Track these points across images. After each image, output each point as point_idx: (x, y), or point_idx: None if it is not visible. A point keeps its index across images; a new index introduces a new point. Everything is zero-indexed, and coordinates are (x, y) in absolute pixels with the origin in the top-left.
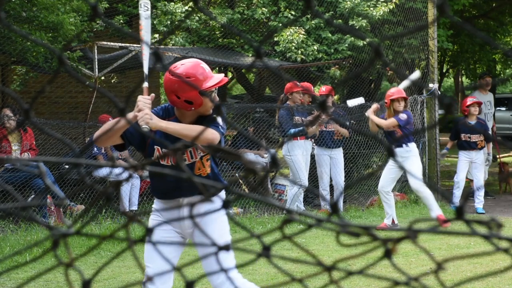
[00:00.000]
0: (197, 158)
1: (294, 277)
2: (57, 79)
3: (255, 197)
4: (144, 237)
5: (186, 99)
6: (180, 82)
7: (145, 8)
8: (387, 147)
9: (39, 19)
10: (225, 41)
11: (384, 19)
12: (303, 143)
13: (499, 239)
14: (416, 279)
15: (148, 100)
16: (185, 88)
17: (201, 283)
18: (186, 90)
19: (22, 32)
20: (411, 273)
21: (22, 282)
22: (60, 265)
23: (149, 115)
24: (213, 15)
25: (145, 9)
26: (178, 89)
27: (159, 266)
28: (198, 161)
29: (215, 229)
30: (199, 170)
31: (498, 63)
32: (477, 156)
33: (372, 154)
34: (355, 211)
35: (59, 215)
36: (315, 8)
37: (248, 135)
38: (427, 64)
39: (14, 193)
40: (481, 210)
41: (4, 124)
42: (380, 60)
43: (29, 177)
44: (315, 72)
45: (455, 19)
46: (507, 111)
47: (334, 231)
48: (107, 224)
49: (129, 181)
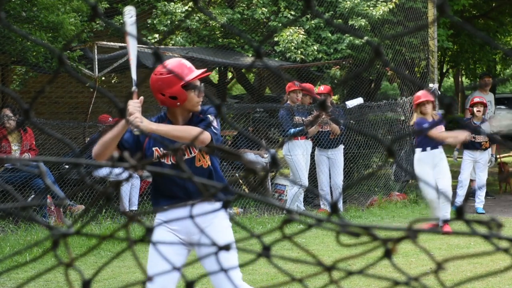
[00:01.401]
0: (195, 152)
1: (294, 277)
2: (57, 79)
3: (255, 197)
4: (144, 237)
5: (170, 95)
6: (162, 79)
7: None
8: (387, 147)
9: (39, 19)
10: (225, 41)
11: (384, 18)
12: (303, 143)
13: (499, 239)
14: (416, 279)
15: (137, 104)
16: (167, 84)
17: (201, 283)
18: (169, 86)
19: (22, 32)
20: (411, 273)
21: (22, 282)
22: (60, 265)
23: (139, 118)
24: (213, 15)
25: (130, 16)
26: (161, 87)
27: (162, 280)
28: (198, 153)
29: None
30: (199, 162)
31: (498, 63)
32: (481, 157)
33: (372, 154)
34: (355, 211)
35: (59, 215)
36: (315, 8)
37: (248, 135)
38: (427, 64)
39: (14, 193)
40: (481, 210)
41: (4, 124)
42: (380, 60)
43: (29, 177)
44: (315, 72)
45: (455, 19)
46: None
47: (334, 231)
48: (107, 224)
49: (129, 181)
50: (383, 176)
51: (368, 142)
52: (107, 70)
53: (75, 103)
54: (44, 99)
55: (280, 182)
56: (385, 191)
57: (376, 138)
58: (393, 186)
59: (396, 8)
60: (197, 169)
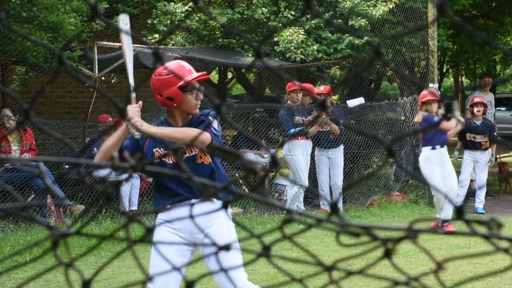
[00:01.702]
0: (196, 150)
1: (294, 277)
2: (57, 79)
3: (255, 197)
4: (144, 237)
5: (167, 96)
6: (161, 80)
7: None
8: (387, 147)
9: (39, 19)
10: (225, 41)
11: (384, 18)
12: (303, 143)
13: (499, 239)
14: (416, 279)
15: (136, 108)
16: (165, 85)
17: (201, 283)
18: (166, 87)
19: (22, 32)
20: (411, 273)
21: (22, 282)
22: (60, 265)
23: (140, 122)
24: (213, 15)
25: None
26: (160, 87)
27: (163, 280)
28: (199, 151)
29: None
30: (200, 159)
31: (498, 63)
32: (481, 157)
33: (372, 154)
34: (355, 211)
35: (59, 215)
36: (315, 8)
37: (248, 135)
38: (427, 64)
39: (14, 193)
40: (481, 210)
41: (4, 124)
42: (380, 60)
43: (29, 177)
44: (315, 72)
45: (455, 19)
46: (507, 111)
47: (334, 231)
48: (107, 224)
49: (129, 181)
50: (383, 176)
51: (368, 142)
52: (107, 70)
53: (75, 103)
54: (44, 99)
55: (280, 182)
56: (385, 191)
57: (376, 138)
58: (393, 186)
59: (396, 8)
60: (199, 167)
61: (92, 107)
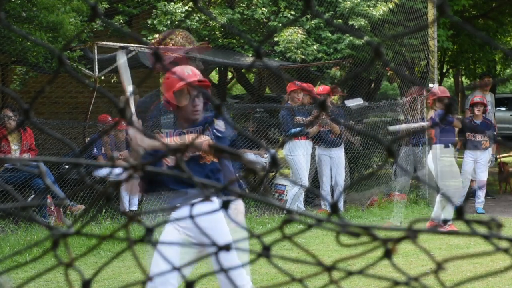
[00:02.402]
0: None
1: (294, 277)
2: (57, 79)
3: (255, 197)
4: (144, 237)
5: (165, 99)
6: (164, 83)
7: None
8: (387, 147)
9: (39, 19)
10: (225, 41)
11: (384, 18)
12: (304, 143)
13: (499, 239)
14: (416, 279)
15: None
16: (165, 88)
17: (201, 283)
18: (166, 90)
19: (22, 32)
20: (411, 273)
21: (22, 282)
22: (60, 265)
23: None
24: (213, 15)
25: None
26: (163, 90)
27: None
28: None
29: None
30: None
31: (498, 63)
32: (482, 156)
33: (372, 154)
34: (355, 211)
35: (59, 215)
36: (315, 8)
37: (248, 135)
38: (427, 64)
39: (14, 193)
40: (481, 210)
41: (4, 124)
42: (380, 60)
43: (29, 177)
44: (315, 72)
45: (455, 19)
46: (507, 111)
47: (334, 231)
48: (107, 224)
49: (129, 181)
50: (383, 176)
51: (368, 142)
52: (107, 70)
53: (75, 103)
54: (44, 99)
55: (281, 182)
56: (385, 190)
57: (376, 138)
58: (393, 186)
59: (396, 8)
60: (202, 166)
61: (92, 107)
